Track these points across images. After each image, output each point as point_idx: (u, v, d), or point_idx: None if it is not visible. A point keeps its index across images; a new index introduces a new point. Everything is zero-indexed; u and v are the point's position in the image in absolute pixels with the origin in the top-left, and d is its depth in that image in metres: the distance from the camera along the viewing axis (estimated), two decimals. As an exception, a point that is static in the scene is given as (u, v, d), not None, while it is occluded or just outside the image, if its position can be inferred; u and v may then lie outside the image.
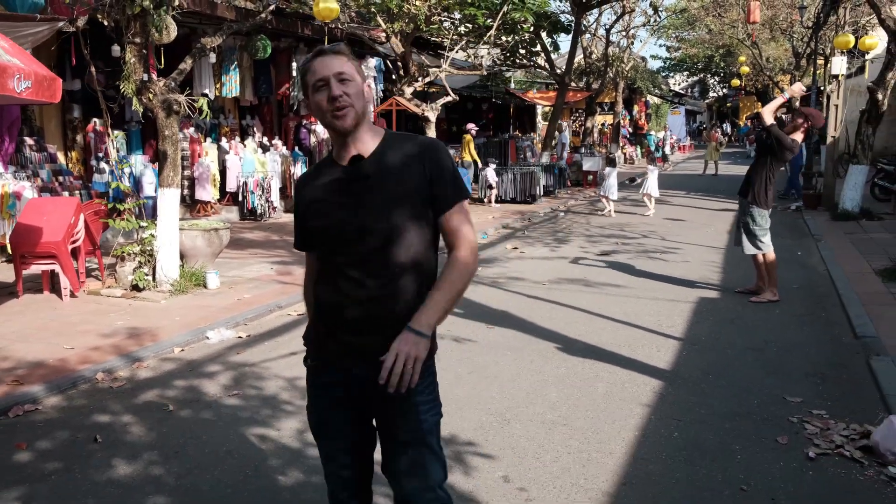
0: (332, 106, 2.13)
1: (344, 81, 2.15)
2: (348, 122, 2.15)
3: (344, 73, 2.16)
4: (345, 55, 2.20)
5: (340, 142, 2.22)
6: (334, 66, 2.15)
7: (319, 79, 2.15)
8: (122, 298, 7.62)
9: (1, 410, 4.69)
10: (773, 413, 4.67)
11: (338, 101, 2.12)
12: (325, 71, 2.15)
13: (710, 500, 3.61)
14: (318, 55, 2.20)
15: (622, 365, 5.62)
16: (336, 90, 2.13)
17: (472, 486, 3.72)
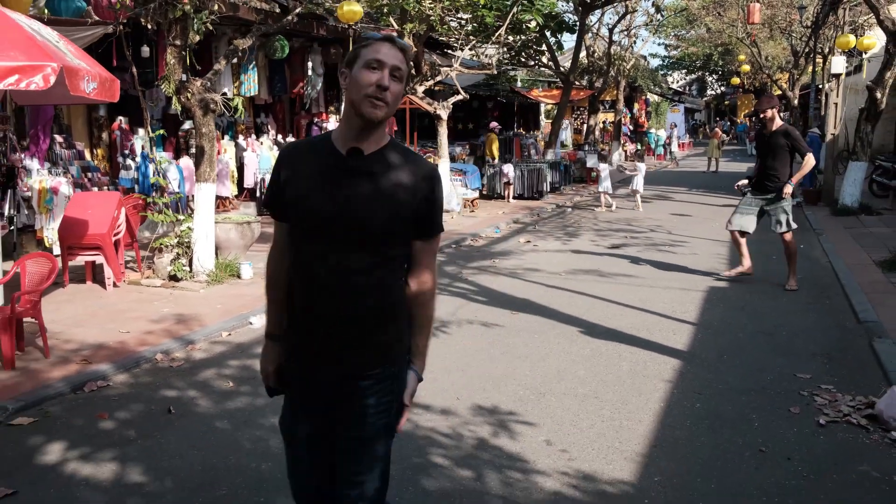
0: (375, 93, 2.09)
1: (395, 78, 2.14)
2: (379, 114, 2.11)
3: (400, 69, 2.14)
4: (406, 54, 2.19)
5: (352, 129, 2.17)
6: (396, 59, 2.13)
7: (378, 59, 2.11)
8: (162, 288, 8.02)
9: (77, 386, 5.10)
10: (785, 388, 5.09)
11: (381, 91, 2.09)
12: (386, 57, 2.11)
13: (733, 459, 4.03)
14: (387, 40, 2.16)
15: (642, 346, 6.04)
16: (386, 81, 2.10)
17: (519, 448, 4.14)
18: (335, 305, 2.17)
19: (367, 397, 2.21)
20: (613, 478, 3.81)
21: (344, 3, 9.62)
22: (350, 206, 2.13)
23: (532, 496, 3.61)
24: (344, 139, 2.19)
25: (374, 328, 2.21)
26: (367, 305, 2.18)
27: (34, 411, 4.70)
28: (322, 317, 2.19)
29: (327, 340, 2.20)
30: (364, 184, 2.15)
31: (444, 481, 3.76)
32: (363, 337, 2.20)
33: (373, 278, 2.18)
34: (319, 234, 2.17)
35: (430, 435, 4.29)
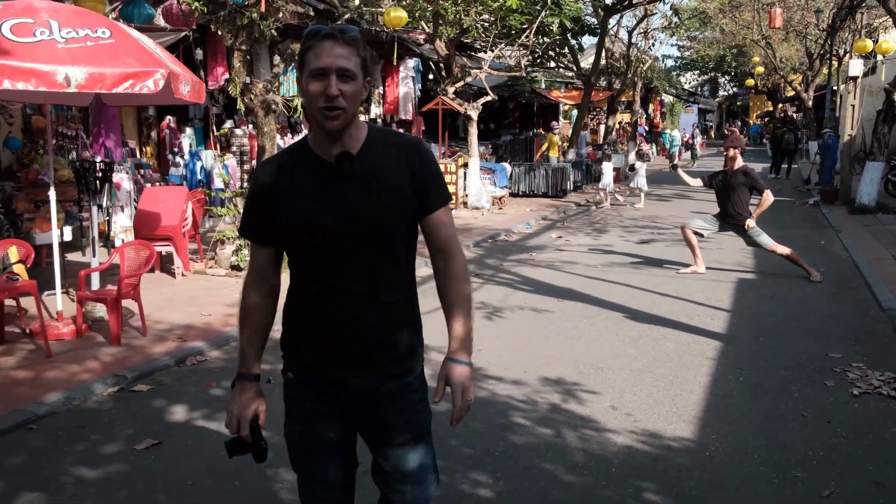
0: (325, 104, 1.95)
1: (345, 79, 1.95)
2: (337, 124, 1.97)
3: (348, 70, 1.95)
4: (356, 46, 1.98)
5: (326, 135, 2.03)
6: (340, 60, 1.94)
7: (319, 68, 1.94)
8: (227, 277, 8.59)
9: (180, 360, 5.68)
10: (819, 365, 5.62)
11: (333, 101, 1.94)
12: (328, 61, 1.93)
13: (778, 422, 4.56)
14: (327, 37, 1.95)
15: (684, 330, 6.57)
16: (333, 89, 1.93)
17: (588, 412, 4.69)
18: (352, 318, 2.07)
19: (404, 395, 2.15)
20: (675, 435, 4.35)
21: (390, 9, 10.17)
22: (358, 213, 2.02)
23: (608, 449, 4.16)
24: (324, 146, 2.04)
25: (397, 331, 2.13)
26: (387, 310, 2.10)
27: (148, 380, 5.28)
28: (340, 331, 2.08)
29: (350, 353, 2.10)
30: (363, 185, 2.04)
31: (529, 437, 4.31)
32: (384, 345, 2.11)
33: (388, 283, 2.09)
34: (326, 250, 2.05)
35: (508, 401, 4.84)
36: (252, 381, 2.18)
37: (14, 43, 5.09)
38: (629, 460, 4.03)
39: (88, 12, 5.97)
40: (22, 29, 5.21)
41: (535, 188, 17.94)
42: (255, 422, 2.19)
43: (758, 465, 3.98)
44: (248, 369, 2.20)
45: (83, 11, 5.99)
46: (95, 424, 4.54)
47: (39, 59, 5.08)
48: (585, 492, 3.68)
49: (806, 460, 4.04)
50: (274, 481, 3.74)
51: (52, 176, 6.28)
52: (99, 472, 3.91)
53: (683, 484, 3.77)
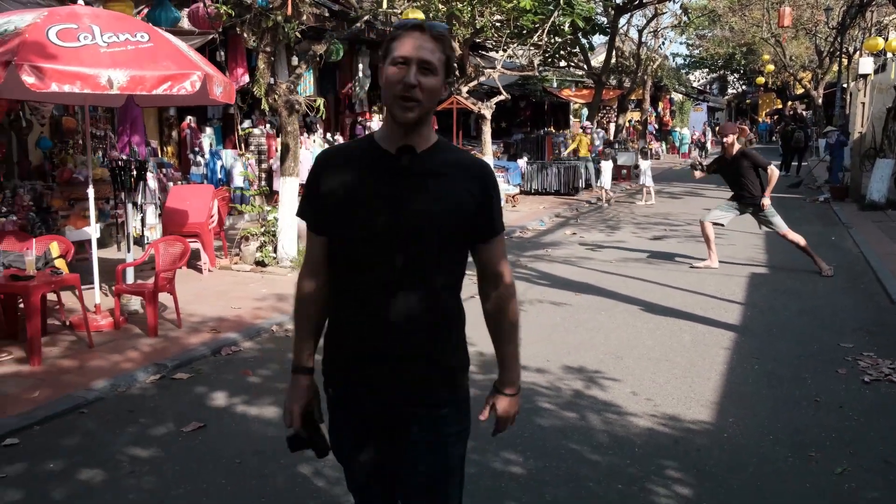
0: (402, 93, 1.90)
1: (425, 72, 1.91)
2: (411, 116, 1.92)
3: (430, 63, 1.91)
4: (442, 41, 1.95)
5: (395, 130, 1.98)
6: (424, 52, 1.91)
7: (403, 56, 1.90)
8: (252, 273, 8.84)
9: (215, 350, 5.92)
10: (830, 355, 5.82)
11: (409, 91, 1.90)
12: (411, 51, 1.91)
13: (793, 407, 4.77)
14: (416, 28, 1.94)
15: (699, 322, 6.78)
16: (412, 78, 1.89)
17: (610, 398, 4.91)
18: (395, 325, 1.97)
19: (442, 427, 2.04)
20: (694, 419, 4.57)
21: (408, 10, 10.39)
22: (409, 209, 1.94)
23: (630, 431, 4.38)
24: (390, 139, 1.99)
25: (441, 347, 2.04)
26: (432, 324, 2.01)
27: (187, 369, 5.53)
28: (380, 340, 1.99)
29: (391, 367, 2.00)
30: (421, 184, 1.97)
31: (555, 420, 4.54)
32: (433, 362, 2.03)
33: (434, 290, 2.00)
34: (375, 245, 1.96)
35: (533, 388, 5.07)
36: (305, 374, 2.12)
37: (60, 48, 5.34)
38: (651, 441, 4.25)
39: (128, 17, 6.23)
40: (67, 34, 5.46)
41: (546, 186, 18.15)
42: (311, 416, 2.11)
43: (773, 446, 4.19)
44: (300, 362, 2.13)
45: (122, 17, 6.24)
46: (142, 409, 4.79)
47: (84, 63, 5.33)
48: (611, 470, 3.90)
49: (819, 442, 4.25)
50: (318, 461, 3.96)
51: (90, 175, 6.53)
52: (151, 451, 4.16)
53: (703, 462, 3.98)
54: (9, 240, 6.77)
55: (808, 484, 3.76)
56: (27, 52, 5.17)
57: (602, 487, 3.71)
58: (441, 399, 2.04)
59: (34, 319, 5.42)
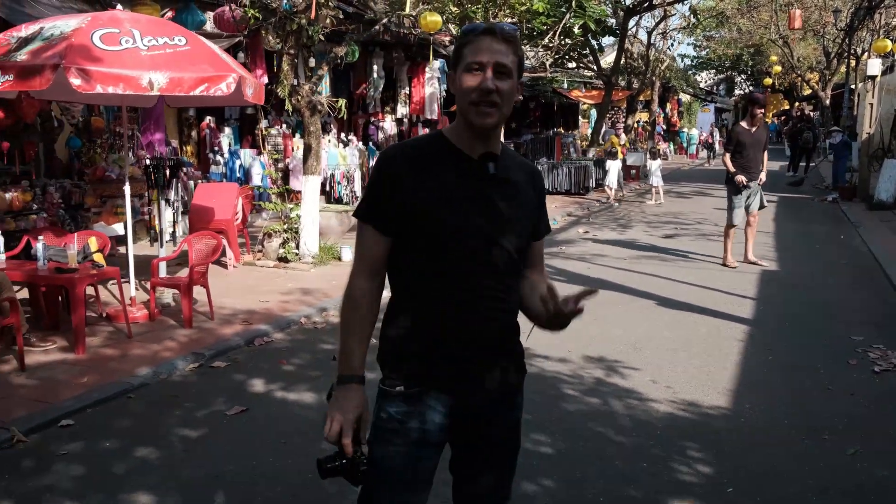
0: (480, 98, 1.88)
1: (501, 76, 1.89)
2: (490, 122, 1.91)
3: (505, 66, 1.90)
4: (514, 43, 1.93)
5: (469, 131, 1.97)
6: (498, 55, 1.89)
7: (476, 62, 1.89)
8: (275, 268, 9.09)
9: (249, 340, 6.17)
10: (841, 347, 6.04)
11: (489, 96, 1.88)
12: (486, 55, 1.89)
13: (806, 394, 5.00)
14: (487, 32, 1.92)
15: (713, 315, 7.00)
16: (490, 83, 1.87)
17: (631, 385, 5.14)
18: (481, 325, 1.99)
19: (517, 409, 2.14)
20: (712, 405, 4.80)
21: (427, 13, 10.64)
22: (496, 215, 1.96)
23: (651, 416, 4.61)
24: (469, 144, 1.97)
25: (515, 342, 2.12)
26: (510, 322, 2.08)
27: (223, 358, 5.77)
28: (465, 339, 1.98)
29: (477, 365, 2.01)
30: (503, 190, 1.99)
31: (580, 405, 4.78)
32: (509, 353, 2.10)
33: (512, 292, 2.05)
34: (463, 248, 1.94)
35: (557, 376, 5.30)
36: (357, 383, 1.99)
37: (104, 51, 5.59)
38: (672, 425, 4.48)
39: (165, 21, 6.49)
40: (110, 38, 5.72)
41: (557, 186, 18.37)
42: (357, 433, 1.95)
43: (789, 430, 4.42)
44: (353, 370, 1.99)
45: (160, 21, 6.51)
46: (185, 394, 5.03)
47: (127, 66, 5.59)
48: (636, 450, 4.13)
49: (832, 426, 4.47)
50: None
51: (126, 173, 6.78)
52: (200, 432, 4.40)
53: (722, 444, 4.21)
54: (47, 235, 7.01)
55: (822, 463, 3.99)
56: (74, 55, 5.42)
57: (628, 466, 3.94)
58: (515, 384, 2.12)
59: (79, 310, 5.67)
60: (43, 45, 5.67)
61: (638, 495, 3.64)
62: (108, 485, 3.76)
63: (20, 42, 5.81)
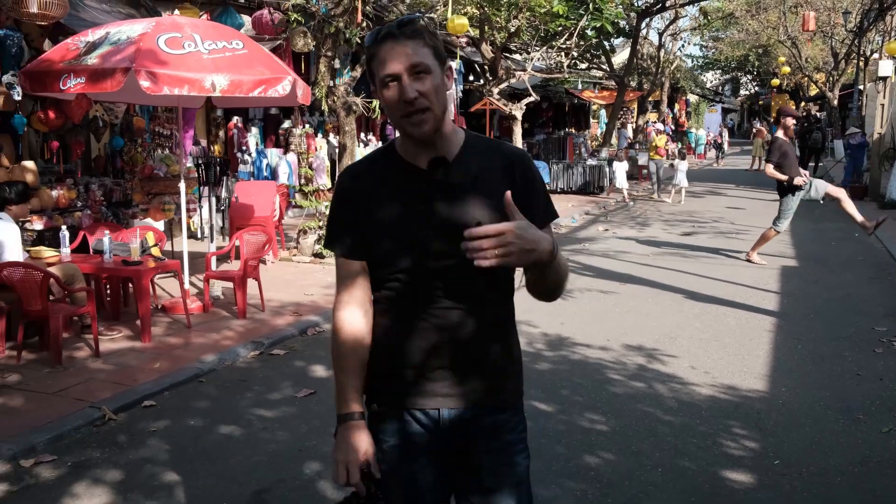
0: (405, 110, 1.75)
1: (420, 76, 1.73)
2: (427, 129, 1.77)
3: (420, 64, 1.73)
4: (421, 36, 1.76)
5: (414, 142, 1.83)
6: (408, 57, 1.73)
7: (388, 74, 1.74)
8: (311, 263, 9.41)
9: (302, 330, 6.49)
10: (866, 336, 6.34)
11: (413, 104, 1.73)
12: (395, 65, 1.73)
13: (837, 379, 5.31)
14: (387, 37, 1.75)
15: (740, 308, 7.31)
16: (410, 92, 1.72)
17: (671, 371, 5.45)
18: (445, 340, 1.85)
19: (506, 432, 1.92)
20: (750, 388, 5.11)
21: (454, 16, 10.94)
22: (454, 224, 1.77)
23: (694, 398, 4.93)
24: (414, 152, 1.84)
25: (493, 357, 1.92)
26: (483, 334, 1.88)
27: (281, 346, 6.10)
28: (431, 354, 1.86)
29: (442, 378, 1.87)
30: (463, 198, 1.83)
31: (626, 388, 5.09)
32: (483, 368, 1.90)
33: (488, 305, 1.87)
34: (418, 267, 1.83)
35: (600, 362, 5.62)
36: (355, 421, 1.89)
37: (170, 55, 5.92)
38: (714, 406, 4.79)
39: (222, 26, 6.80)
40: (174, 42, 6.04)
41: (572, 185, 18.69)
42: (367, 469, 1.88)
43: (825, 410, 4.73)
44: (349, 408, 1.90)
45: (217, 25, 6.82)
46: (253, 379, 5.36)
47: (191, 69, 5.91)
48: (684, 428, 4.44)
49: (864, 407, 4.78)
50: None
51: (183, 171, 7.11)
52: (274, 412, 4.72)
53: (763, 423, 4.52)
54: (101, 230, 7.35)
55: (859, 440, 4.30)
56: (143, 58, 5.75)
57: (679, 441, 4.26)
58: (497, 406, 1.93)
59: (145, 301, 6.00)
60: (111, 49, 5.99)
61: (692, 467, 3.95)
62: (202, 456, 4.08)
63: (89, 46, 6.14)
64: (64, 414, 4.54)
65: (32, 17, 6.43)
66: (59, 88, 5.96)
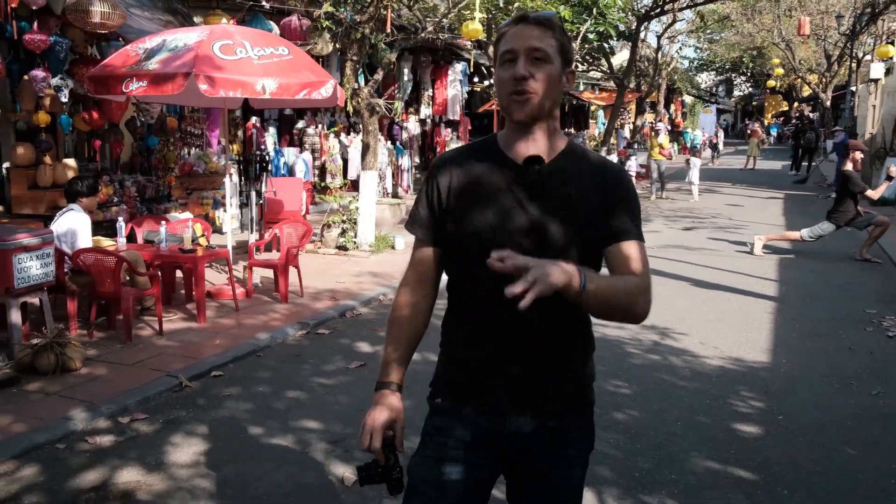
0: (513, 88, 1.75)
1: (537, 62, 1.75)
2: (526, 111, 1.76)
3: (539, 49, 1.75)
4: (551, 28, 1.78)
5: (517, 134, 1.83)
6: (531, 39, 1.75)
7: (508, 50, 1.76)
8: (336, 256, 9.97)
9: (341, 313, 7.06)
10: (858, 317, 6.95)
11: (520, 83, 1.74)
12: (517, 42, 1.75)
13: (833, 353, 5.91)
14: (518, 21, 1.79)
15: (742, 294, 7.91)
16: (522, 69, 1.74)
17: (683, 346, 6.05)
18: (521, 345, 1.83)
19: (568, 446, 1.90)
20: (754, 360, 5.71)
21: (467, 22, 11.51)
22: (544, 234, 1.77)
23: (705, 368, 5.52)
24: (514, 146, 1.83)
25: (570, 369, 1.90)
26: (560, 343, 1.86)
27: (325, 327, 6.66)
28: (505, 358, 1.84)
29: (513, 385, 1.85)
30: (555, 204, 1.79)
31: (644, 360, 5.68)
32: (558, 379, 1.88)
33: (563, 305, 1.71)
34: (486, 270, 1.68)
35: (618, 338, 6.21)
36: (391, 390, 1.92)
37: (224, 60, 6.48)
38: (724, 374, 5.38)
39: (267, 34, 7.39)
40: (227, 49, 6.60)
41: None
42: (391, 440, 1.89)
43: (821, 377, 5.33)
44: (387, 376, 1.94)
45: (263, 33, 7.40)
46: (305, 353, 5.92)
47: (244, 73, 6.47)
48: (698, 391, 5.03)
49: (857, 375, 5.38)
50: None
51: (228, 167, 7.67)
52: (332, 380, 5.29)
53: (768, 387, 5.12)
54: (148, 222, 7.90)
55: (851, 401, 4.90)
56: (201, 64, 6.31)
57: (694, 401, 4.84)
58: (564, 417, 1.90)
59: (200, 285, 6.56)
60: (170, 55, 6.55)
61: (707, 421, 4.54)
62: (276, 415, 4.65)
63: (147, 53, 6.69)
64: (145, 382, 5.09)
65: (95, 26, 6.97)
66: (122, 91, 6.51)
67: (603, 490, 3.68)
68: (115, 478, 3.81)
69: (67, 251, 6.02)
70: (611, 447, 4.15)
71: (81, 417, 4.45)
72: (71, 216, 6.18)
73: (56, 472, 3.86)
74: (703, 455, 4.07)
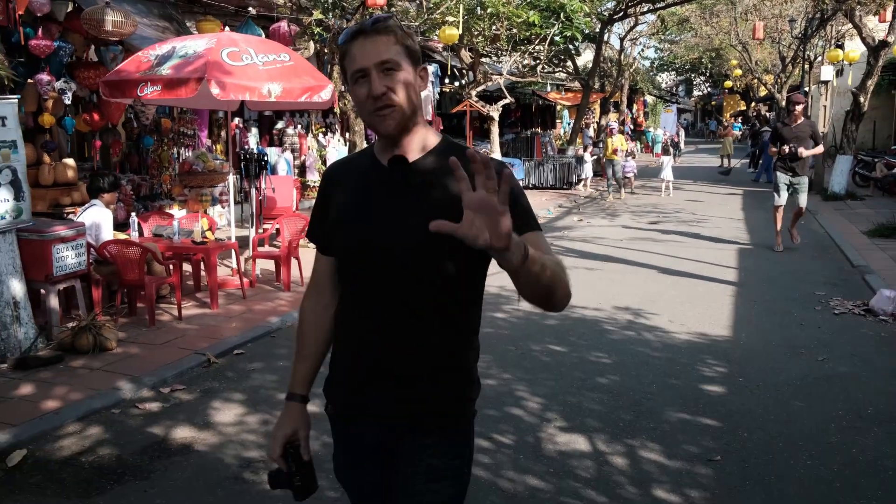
0: (374, 106, 1.74)
1: (389, 72, 1.73)
2: (392, 124, 1.76)
3: (389, 60, 1.73)
4: (392, 33, 1.75)
5: (386, 140, 1.83)
6: (377, 53, 1.73)
7: (358, 69, 1.74)
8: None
9: (341, 299, 7.63)
10: (809, 298, 7.73)
11: (381, 100, 1.73)
12: (365, 60, 1.73)
13: (786, 328, 6.66)
14: (358, 34, 1.75)
15: (706, 280, 8.67)
16: (378, 87, 1.72)
17: (654, 324, 6.76)
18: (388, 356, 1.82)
19: (430, 458, 1.86)
20: (717, 334, 6.44)
21: (445, 27, 12.15)
22: (407, 225, 1.75)
23: (675, 341, 6.23)
24: (385, 150, 1.84)
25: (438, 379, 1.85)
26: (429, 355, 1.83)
27: (328, 311, 7.23)
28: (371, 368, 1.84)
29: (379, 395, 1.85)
30: (418, 197, 1.79)
31: (620, 336, 6.38)
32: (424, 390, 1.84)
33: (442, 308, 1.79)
34: (378, 265, 1.79)
35: (596, 318, 6.90)
36: (296, 402, 1.98)
37: (233, 66, 7.01)
38: (691, 346, 6.10)
39: (269, 41, 7.92)
40: (234, 55, 7.14)
41: (543, 181, 20.04)
42: (295, 449, 1.95)
43: (776, 347, 6.07)
44: (292, 388, 2.00)
45: (264, 40, 7.95)
46: (315, 334, 6.49)
47: (251, 78, 7.01)
48: (668, 361, 5.74)
49: (806, 346, 6.13)
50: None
51: (230, 166, 8.19)
52: (344, 356, 5.88)
53: (729, 356, 5.84)
54: (154, 218, 8.39)
55: (801, 365, 5.64)
56: (212, 70, 6.83)
57: (667, 368, 5.55)
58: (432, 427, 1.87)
59: (213, 274, 7.10)
60: (181, 61, 7.07)
61: (678, 383, 5.24)
62: (301, 384, 5.23)
63: (159, 59, 7.20)
64: (177, 358, 5.64)
65: (108, 34, 7.45)
66: (137, 95, 7.01)
67: (593, 436, 4.34)
68: (171, 434, 4.38)
69: (93, 243, 6.52)
70: (596, 404, 4.82)
71: (128, 388, 5.00)
72: (94, 211, 6.68)
73: (118, 430, 4.41)
74: (675, 409, 4.77)
